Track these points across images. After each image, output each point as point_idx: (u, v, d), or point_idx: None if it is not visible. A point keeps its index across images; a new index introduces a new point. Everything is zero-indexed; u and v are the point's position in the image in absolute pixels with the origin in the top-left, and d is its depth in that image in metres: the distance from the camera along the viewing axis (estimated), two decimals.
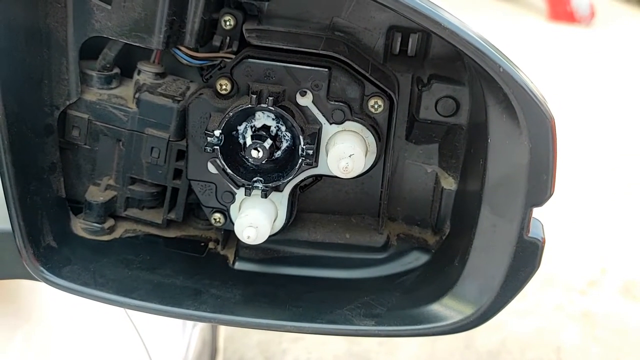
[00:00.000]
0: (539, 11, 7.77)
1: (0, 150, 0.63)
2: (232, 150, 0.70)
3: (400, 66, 0.74)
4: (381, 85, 0.68)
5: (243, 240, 0.72)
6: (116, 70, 0.77)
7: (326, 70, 0.67)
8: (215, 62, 0.74)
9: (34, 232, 0.69)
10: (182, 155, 0.76)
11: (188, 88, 0.77)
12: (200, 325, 1.62)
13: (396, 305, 0.71)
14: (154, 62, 0.76)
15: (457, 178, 0.74)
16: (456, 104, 0.70)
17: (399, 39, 0.73)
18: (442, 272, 0.71)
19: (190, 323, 1.46)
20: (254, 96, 0.66)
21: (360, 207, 0.80)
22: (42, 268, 0.69)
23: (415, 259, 0.76)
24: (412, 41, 0.73)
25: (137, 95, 0.74)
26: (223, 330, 2.09)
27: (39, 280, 0.73)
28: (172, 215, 0.80)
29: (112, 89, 0.76)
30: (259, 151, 0.67)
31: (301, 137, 0.67)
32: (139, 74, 0.76)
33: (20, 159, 0.65)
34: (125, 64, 0.77)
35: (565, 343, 2.78)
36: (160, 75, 0.76)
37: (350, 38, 0.72)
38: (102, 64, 0.75)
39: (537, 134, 0.57)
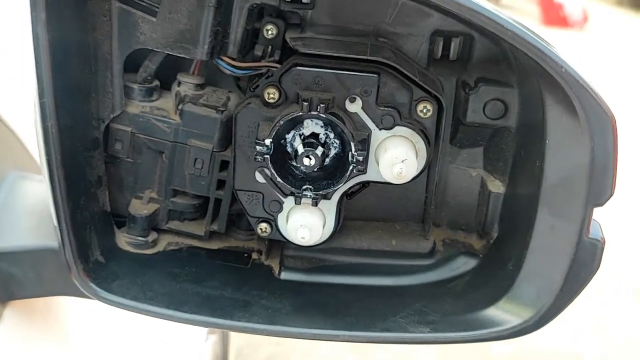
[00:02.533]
0: (532, 16, 7.83)
1: (52, 165, 0.62)
2: (280, 158, 0.69)
3: (443, 70, 0.74)
4: (430, 90, 0.68)
5: (297, 242, 0.71)
6: (156, 82, 0.76)
7: (375, 75, 0.67)
8: (259, 71, 0.73)
9: (83, 247, 0.68)
10: (225, 165, 0.76)
11: (229, 98, 0.76)
12: (212, 339, 1.62)
13: (450, 311, 0.70)
14: (194, 73, 0.76)
15: (505, 181, 0.73)
16: (504, 106, 0.70)
17: (441, 43, 0.73)
18: (494, 276, 0.71)
19: (202, 337, 1.46)
20: (305, 104, 0.65)
21: (404, 213, 0.80)
22: (92, 284, 0.68)
23: (463, 264, 0.76)
24: (454, 45, 0.73)
25: (180, 107, 0.74)
26: (233, 344, 2.07)
27: (86, 297, 0.72)
28: (214, 227, 0.79)
29: (153, 101, 0.76)
30: (310, 159, 0.66)
31: (352, 144, 0.67)
32: (179, 85, 0.76)
33: (71, 174, 0.64)
34: (163, 76, 0.77)
35: (585, 351, 2.76)
36: (201, 86, 0.76)
37: (394, 44, 0.72)
38: (143, 76, 0.75)
39: (599, 133, 0.57)
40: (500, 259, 0.71)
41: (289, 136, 0.69)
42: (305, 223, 0.70)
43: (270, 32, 0.73)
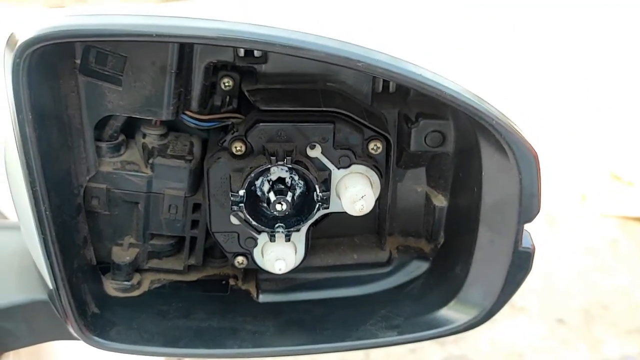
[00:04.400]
0: None
1: (48, 242, 0.68)
2: (252, 202, 0.77)
3: (386, 104, 0.83)
4: (377, 130, 0.77)
5: (275, 272, 0.80)
6: (122, 137, 0.81)
7: (331, 124, 0.75)
8: (223, 123, 0.80)
9: (81, 305, 0.74)
10: (197, 207, 0.82)
11: (192, 144, 0.83)
12: None
13: (411, 313, 0.82)
14: (156, 123, 0.81)
15: (447, 196, 0.84)
16: (442, 136, 0.80)
17: (382, 80, 0.82)
18: (445, 279, 0.83)
19: None
20: (273, 158, 0.73)
21: (361, 227, 0.90)
22: (94, 337, 0.75)
23: (417, 268, 0.87)
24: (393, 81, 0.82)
25: (150, 161, 0.80)
26: None
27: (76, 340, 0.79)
28: (192, 261, 0.86)
29: (121, 155, 0.81)
30: (282, 204, 0.74)
31: (317, 186, 0.75)
32: (144, 137, 0.81)
33: (64, 246, 0.70)
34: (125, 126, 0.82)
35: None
36: (164, 135, 0.82)
37: (342, 86, 0.80)
38: (109, 133, 0.80)
39: (525, 168, 0.68)
40: (449, 263, 0.83)
41: (258, 182, 0.77)
42: (281, 256, 0.79)
43: (227, 85, 0.79)
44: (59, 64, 0.68)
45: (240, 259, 0.83)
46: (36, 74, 0.60)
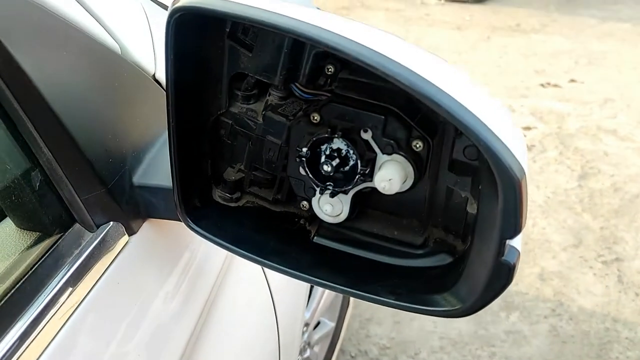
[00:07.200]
0: None
1: (171, 144, 1.00)
2: (315, 161, 1.01)
3: None
4: (420, 131, 0.94)
5: (319, 215, 1.03)
6: (255, 91, 1.10)
7: (382, 117, 0.94)
8: (318, 98, 1.04)
9: (186, 196, 1.06)
10: (287, 156, 1.08)
11: (301, 109, 1.08)
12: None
13: (413, 289, 0.98)
14: (280, 88, 1.09)
15: (477, 205, 0.97)
16: (478, 151, 0.93)
17: None
18: (451, 274, 0.97)
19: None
20: (329, 129, 0.95)
21: (412, 213, 1.07)
22: (189, 219, 1.07)
23: (442, 259, 1.02)
24: None
25: (264, 113, 1.08)
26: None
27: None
28: (278, 196, 1.13)
29: (249, 104, 1.10)
30: (327, 166, 0.97)
31: (359, 162, 0.96)
32: (269, 95, 1.09)
33: (182, 151, 1.02)
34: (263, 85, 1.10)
35: None
36: (284, 98, 1.08)
37: None
38: (245, 87, 1.09)
39: (507, 189, 0.79)
40: (461, 262, 0.97)
41: (323, 147, 1.00)
42: (326, 204, 1.01)
43: (329, 70, 1.02)
44: (211, 28, 0.99)
45: (304, 203, 1.07)
46: (180, 31, 0.90)
